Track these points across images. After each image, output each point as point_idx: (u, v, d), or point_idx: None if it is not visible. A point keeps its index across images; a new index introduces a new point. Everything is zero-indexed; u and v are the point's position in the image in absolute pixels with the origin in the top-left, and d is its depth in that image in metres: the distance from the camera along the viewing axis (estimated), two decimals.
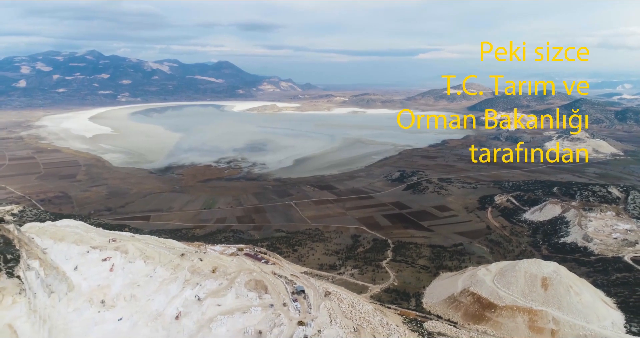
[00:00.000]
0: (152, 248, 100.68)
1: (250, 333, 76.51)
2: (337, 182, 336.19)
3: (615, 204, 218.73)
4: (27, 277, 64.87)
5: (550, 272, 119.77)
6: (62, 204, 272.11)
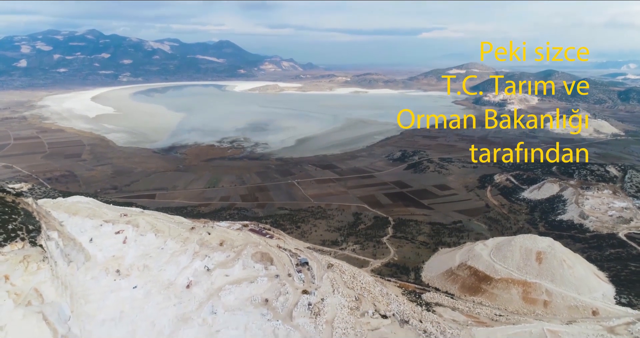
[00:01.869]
0: (161, 222, 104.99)
1: (257, 301, 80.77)
2: (339, 161, 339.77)
3: (612, 183, 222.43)
4: (47, 246, 69.02)
5: (545, 246, 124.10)
6: (68, 183, 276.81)
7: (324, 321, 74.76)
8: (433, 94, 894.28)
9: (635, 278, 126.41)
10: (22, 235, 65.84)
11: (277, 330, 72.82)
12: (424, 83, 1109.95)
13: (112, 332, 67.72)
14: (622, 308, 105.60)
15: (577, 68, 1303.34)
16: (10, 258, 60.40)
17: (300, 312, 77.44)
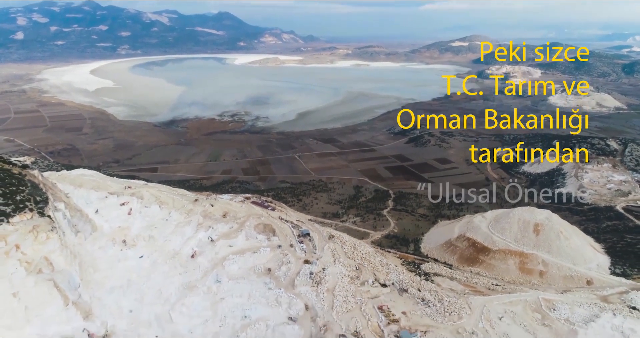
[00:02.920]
0: (165, 194, 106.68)
1: (260, 271, 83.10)
2: (340, 135, 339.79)
3: (612, 156, 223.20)
4: (55, 217, 70.70)
5: (543, 218, 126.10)
6: (71, 156, 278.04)
7: (325, 289, 77.18)
8: (435, 67, 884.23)
9: (631, 249, 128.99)
10: (31, 206, 67.42)
11: (280, 298, 75.30)
12: (427, 56, 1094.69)
13: (120, 299, 70.17)
14: (616, 278, 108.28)
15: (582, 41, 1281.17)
16: (20, 228, 62.12)
17: (302, 281, 79.86)
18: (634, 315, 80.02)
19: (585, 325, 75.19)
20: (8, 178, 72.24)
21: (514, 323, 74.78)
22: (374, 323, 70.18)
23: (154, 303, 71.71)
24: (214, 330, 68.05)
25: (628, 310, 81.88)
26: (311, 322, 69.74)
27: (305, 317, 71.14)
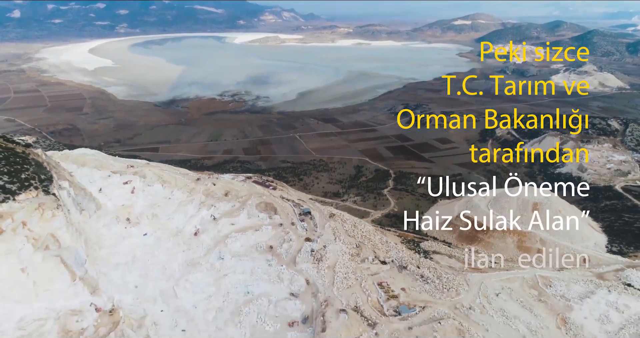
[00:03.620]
0: (168, 173, 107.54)
1: (262, 248, 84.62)
2: (341, 115, 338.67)
3: (613, 136, 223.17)
4: (60, 195, 71.72)
5: (542, 198, 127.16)
6: (72, 136, 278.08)
7: (326, 266, 78.75)
8: (437, 46, 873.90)
9: (628, 228, 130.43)
10: (35, 184, 68.36)
11: (282, 274, 76.94)
12: (429, 34, 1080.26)
13: (126, 275, 71.80)
14: (612, 256, 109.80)
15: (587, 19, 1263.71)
16: (26, 205, 63.16)
17: (304, 258, 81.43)
18: (628, 291, 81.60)
19: (581, 301, 76.85)
20: (12, 157, 72.97)
21: (510, 300, 76.43)
22: (373, 298, 71.83)
23: (158, 279, 73.38)
24: (218, 305, 69.81)
25: (623, 287, 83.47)
26: (312, 298, 71.48)
27: (306, 293, 72.88)
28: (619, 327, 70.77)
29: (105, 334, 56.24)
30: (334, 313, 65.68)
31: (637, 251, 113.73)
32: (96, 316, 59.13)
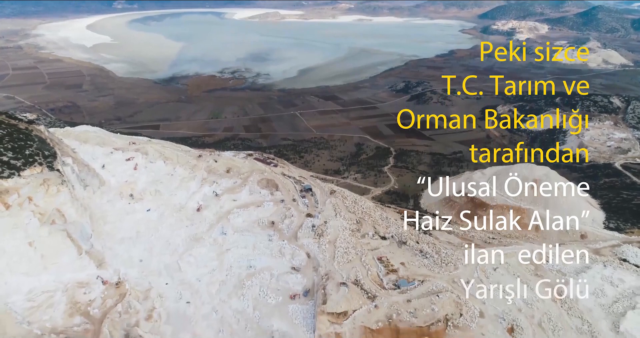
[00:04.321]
0: (169, 150, 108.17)
1: (264, 224, 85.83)
2: (342, 92, 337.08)
3: (614, 114, 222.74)
4: (64, 171, 72.52)
5: (541, 175, 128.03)
6: (72, 113, 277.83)
7: (327, 241, 79.98)
8: (440, 22, 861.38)
9: (626, 205, 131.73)
10: (40, 160, 69.04)
11: (284, 249, 78.32)
12: (431, 10, 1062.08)
13: (130, 249, 73.21)
14: (609, 232, 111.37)
15: None
16: (31, 181, 64.02)
17: (305, 233, 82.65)
18: (624, 266, 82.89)
19: (576, 276, 78.15)
20: (16, 134, 73.50)
21: (507, 274, 77.77)
22: (373, 272, 73.21)
23: (162, 254, 74.83)
24: (221, 279, 71.34)
25: (618, 262, 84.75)
26: (313, 272, 72.95)
27: (307, 267, 74.35)
28: (613, 300, 72.24)
29: (112, 305, 57.83)
30: (334, 286, 67.10)
31: (634, 227, 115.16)
32: (103, 288, 60.69)
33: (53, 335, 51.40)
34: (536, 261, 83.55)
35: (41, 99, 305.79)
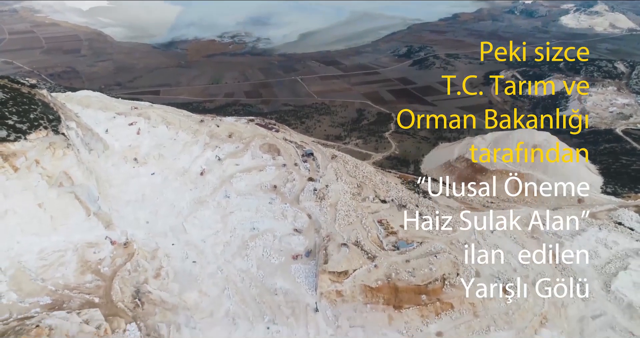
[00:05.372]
0: (171, 115, 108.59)
1: (266, 187, 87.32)
2: (343, 57, 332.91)
3: (618, 79, 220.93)
4: (69, 135, 73.38)
5: (542, 140, 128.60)
6: (71, 79, 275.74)
7: (328, 204, 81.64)
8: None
9: (624, 170, 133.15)
10: (45, 124, 69.72)
11: (286, 212, 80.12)
12: None
13: (136, 211, 75.02)
14: (606, 196, 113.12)
15: None
16: (37, 144, 64.97)
17: (307, 197, 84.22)
18: (618, 229, 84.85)
19: (572, 238, 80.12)
20: (19, 97, 73.88)
21: (504, 236, 79.74)
22: (373, 234, 75.16)
23: (167, 216, 76.67)
24: (225, 240, 73.41)
25: (614, 225, 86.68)
26: (315, 233, 74.93)
27: (309, 229, 76.29)
28: (606, 261, 74.43)
29: (121, 264, 59.90)
30: (335, 247, 69.14)
31: (631, 192, 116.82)
32: (112, 248, 62.62)
33: (67, 290, 53.67)
34: (533, 224, 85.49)
35: (39, 64, 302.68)
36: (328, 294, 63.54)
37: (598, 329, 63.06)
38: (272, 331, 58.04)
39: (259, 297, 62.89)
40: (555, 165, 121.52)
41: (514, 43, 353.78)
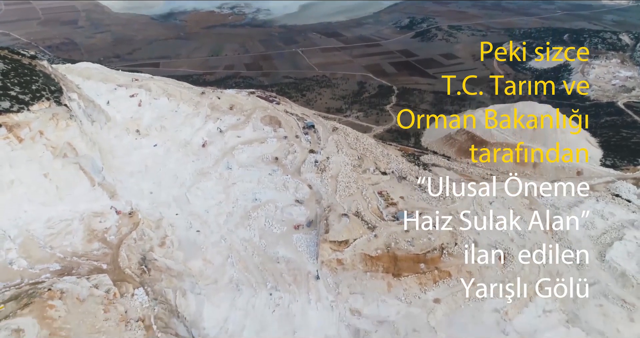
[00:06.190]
0: (172, 87, 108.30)
1: (268, 159, 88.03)
2: (344, 29, 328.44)
3: (622, 52, 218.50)
4: (71, 106, 73.69)
5: (542, 113, 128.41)
6: (70, 51, 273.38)
7: (329, 176, 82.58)
8: None
9: (624, 143, 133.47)
10: (47, 95, 70.00)
11: (287, 183, 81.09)
12: None
13: (140, 182, 76.07)
14: (605, 169, 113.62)
15: None
16: (40, 115, 65.45)
17: (308, 168, 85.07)
18: (615, 201, 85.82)
19: (569, 209, 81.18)
20: (20, 69, 73.85)
21: (502, 207, 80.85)
22: (373, 205, 76.32)
23: (171, 187, 77.73)
24: (228, 210, 74.69)
25: (611, 197, 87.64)
26: (316, 204, 76.09)
27: (310, 200, 77.42)
28: (602, 232, 75.62)
29: (127, 233, 61.29)
30: (336, 217, 70.35)
31: (630, 165, 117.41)
32: (117, 218, 63.93)
33: (75, 257, 55.18)
34: (531, 195, 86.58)
35: (37, 36, 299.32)
36: (329, 262, 65.15)
37: (591, 297, 64.75)
38: (274, 297, 59.91)
39: (261, 265, 64.60)
40: (555, 138, 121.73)
41: (518, 14, 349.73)
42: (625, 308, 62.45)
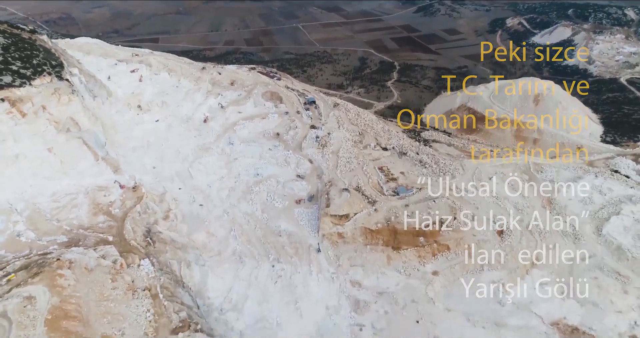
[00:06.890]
0: (173, 62, 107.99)
1: (269, 135, 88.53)
2: (346, 3, 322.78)
3: (627, 27, 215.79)
4: (72, 81, 73.76)
5: (544, 89, 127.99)
6: (68, 26, 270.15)
7: (330, 151, 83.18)
8: None
9: (626, 119, 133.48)
10: (48, 70, 70.01)
11: (289, 159, 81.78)
12: None
13: (143, 157, 76.84)
14: (605, 145, 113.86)
15: None
16: (42, 90, 65.67)
17: (309, 144, 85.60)
18: (614, 177, 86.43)
19: (568, 185, 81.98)
20: (20, 43, 73.57)
21: (501, 182, 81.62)
22: (374, 180, 77.09)
23: (173, 162, 78.56)
24: (230, 185, 75.64)
25: (610, 173, 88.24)
26: (317, 179, 76.92)
27: (311, 175, 78.21)
28: (600, 207, 76.54)
29: (131, 206, 62.35)
30: (337, 192, 71.32)
31: (630, 141, 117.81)
32: (121, 192, 64.90)
33: (81, 230, 56.38)
34: (531, 171, 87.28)
35: (34, 10, 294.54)
36: (330, 236, 66.38)
37: (587, 270, 66.11)
38: (276, 269, 61.38)
39: (263, 238, 65.90)
40: (557, 114, 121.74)
41: None
42: (620, 281, 63.76)
